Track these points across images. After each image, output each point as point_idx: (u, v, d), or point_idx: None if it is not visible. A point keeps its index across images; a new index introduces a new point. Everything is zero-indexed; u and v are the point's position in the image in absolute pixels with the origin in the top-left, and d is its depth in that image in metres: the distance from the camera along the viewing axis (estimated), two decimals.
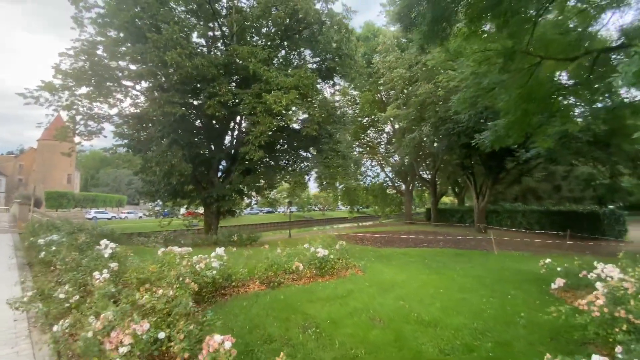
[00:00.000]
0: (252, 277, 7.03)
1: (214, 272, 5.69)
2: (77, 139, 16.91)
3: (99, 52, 12.08)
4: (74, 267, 5.67)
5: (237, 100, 14.06)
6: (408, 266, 10.60)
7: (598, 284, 4.70)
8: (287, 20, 14.76)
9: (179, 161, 12.96)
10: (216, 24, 16.51)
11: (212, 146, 17.02)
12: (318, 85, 15.06)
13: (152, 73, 11.53)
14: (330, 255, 8.15)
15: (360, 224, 54.86)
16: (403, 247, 15.11)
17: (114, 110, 16.39)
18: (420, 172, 37.18)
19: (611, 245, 17.13)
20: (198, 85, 13.28)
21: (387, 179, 42.83)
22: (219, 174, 18.60)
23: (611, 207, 30.16)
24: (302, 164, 16.55)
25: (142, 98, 15.94)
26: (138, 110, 17.23)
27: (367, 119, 37.45)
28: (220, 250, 6.92)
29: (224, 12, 16.51)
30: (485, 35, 8.88)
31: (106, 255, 5.32)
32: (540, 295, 6.77)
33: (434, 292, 7.11)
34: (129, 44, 12.03)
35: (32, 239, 7.90)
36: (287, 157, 17.59)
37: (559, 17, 9.53)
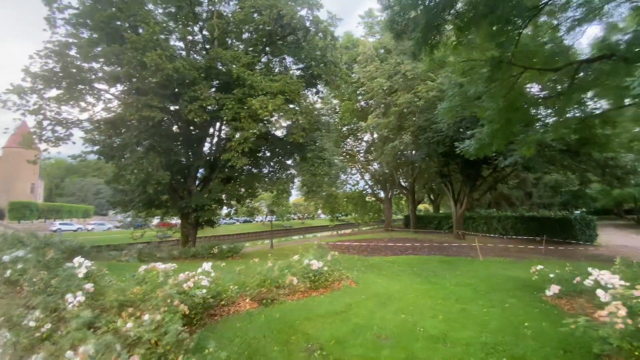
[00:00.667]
0: (242, 294, 6.53)
1: (204, 290, 5.18)
2: (43, 145, 15.68)
3: (72, 52, 11.21)
4: (43, 288, 4.99)
5: (218, 106, 13.53)
6: (399, 275, 10.45)
7: (600, 292, 4.68)
8: (272, 26, 14.52)
9: (155, 169, 12.18)
10: (196, 28, 16.00)
11: (190, 153, 16.28)
12: (303, 92, 14.84)
13: (129, 75, 10.80)
14: (324, 267, 7.79)
15: (340, 232, 54.88)
16: (390, 255, 15.00)
17: (84, 115, 15.46)
18: (399, 180, 37.82)
19: (586, 250, 17.93)
20: (177, 89, 12.64)
21: (367, 186, 43.17)
22: (197, 182, 17.79)
23: (577, 212, 31.97)
24: (286, 172, 16.15)
25: (116, 102, 15.06)
26: (110, 115, 16.29)
27: (346, 127, 37.76)
28: (207, 266, 6.39)
29: (204, 15, 16.06)
30: (472, 44, 9.05)
31: (80, 275, 4.69)
32: (536, 303, 6.76)
33: (433, 304, 6.94)
34: (104, 45, 11.25)
35: None
36: (271, 164, 17.13)
37: (535, 31, 9.99)
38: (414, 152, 24.18)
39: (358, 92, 34.78)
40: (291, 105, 13.61)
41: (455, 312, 6.27)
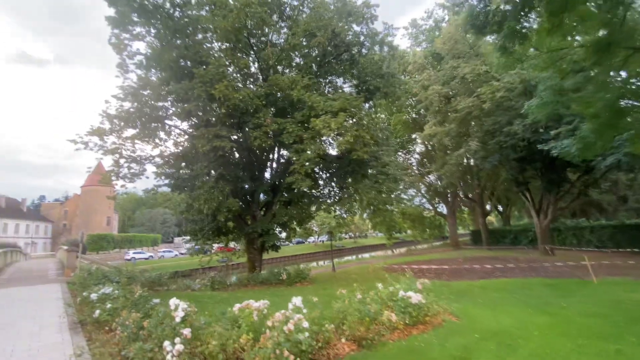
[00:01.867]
0: (338, 333, 5.73)
1: (307, 334, 4.48)
2: (120, 182, 16.98)
3: (145, 93, 12.08)
4: (136, 333, 4.71)
5: (278, 131, 13.51)
6: (502, 305, 8.86)
7: None
8: (326, 46, 14.40)
9: (226, 197, 12.32)
10: (250, 59, 16.58)
11: (253, 180, 16.45)
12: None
13: (199, 109, 11.25)
14: (423, 300, 6.72)
15: (396, 251, 52.22)
16: (476, 279, 13.20)
17: (156, 152, 16.58)
18: (461, 192, 34.95)
19: None
20: (240, 118, 12.91)
21: (424, 201, 40.67)
22: (260, 207, 17.88)
23: None
24: (348, 191, 15.47)
25: (185, 136, 15.92)
26: (179, 150, 17.28)
27: (397, 140, 36.41)
28: (297, 301, 5.73)
29: (257, 47, 16.60)
30: (572, 26, 7.71)
31: (178, 319, 4.30)
32: None
33: (573, 345, 5.49)
34: (174, 83, 11.97)
35: (85, 294, 7.15)
36: (332, 184, 16.61)
37: None
38: (482, 159, 22.02)
39: (408, 103, 33.55)
40: (351, 121, 13.07)
41: (610, 357, 4.82)
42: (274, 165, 18.05)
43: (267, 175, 18.21)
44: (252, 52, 15.77)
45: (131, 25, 13.56)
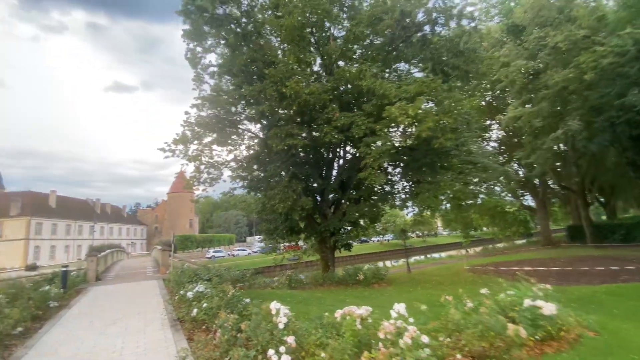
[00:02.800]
0: (452, 348, 4.84)
1: (427, 350, 3.74)
2: (201, 187, 18.19)
3: (220, 99, 12.58)
4: (235, 336, 4.51)
5: (346, 125, 12.90)
6: None
7: None
8: (395, 30, 13.35)
9: (299, 196, 12.20)
10: (314, 55, 16.32)
11: (322, 177, 16.14)
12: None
13: (271, 109, 11.30)
14: (554, 310, 5.43)
15: (469, 251, 47.89)
16: (597, 284, 10.86)
17: (230, 156, 17.51)
18: (553, 181, 30.23)
19: None
20: (310, 115, 12.66)
21: (504, 194, 36.22)
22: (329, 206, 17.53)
23: None
24: (426, 185, 14.14)
25: (255, 140, 16.38)
26: (251, 153, 17.90)
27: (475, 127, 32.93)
28: (401, 308, 4.98)
29: (318, 43, 16.28)
30: None
31: (281, 326, 3.94)
32: None
33: None
34: (246, 86, 12.24)
35: (182, 292, 7.45)
36: (407, 178, 15.44)
37: None
38: (586, 141, 18.51)
39: (482, 85, 30.23)
40: (430, 105, 11.83)
41: None
42: (340, 162, 17.59)
43: (334, 172, 17.86)
44: (315, 49, 15.49)
45: (203, 37, 14.36)
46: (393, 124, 11.46)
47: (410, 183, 15.60)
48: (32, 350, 5.65)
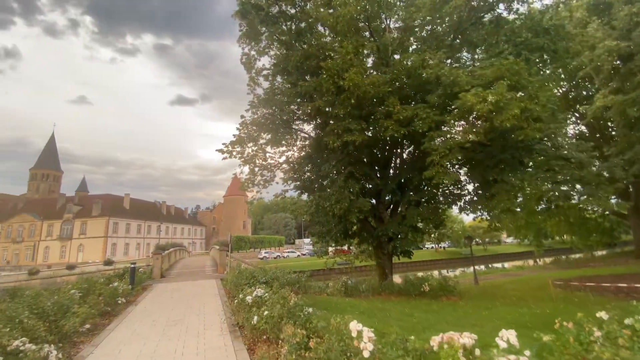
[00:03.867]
0: None
1: None
2: (255, 189, 18.33)
3: (275, 97, 12.32)
4: (303, 356, 3.79)
5: (408, 118, 11.73)
6: None
7: None
8: (462, 13, 11.92)
9: (356, 197, 11.37)
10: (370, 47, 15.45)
11: (379, 177, 15.08)
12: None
13: (328, 103, 10.67)
14: None
15: (539, 261, 42.62)
16: None
17: (283, 158, 17.42)
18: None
19: None
20: (368, 109, 11.76)
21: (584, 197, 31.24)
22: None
23: None
24: (501, 185, 12.30)
25: (309, 140, 15.97)
26: (303, 153, 17.59)
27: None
28: (511, 337, 3.86)
29: (374, 35, 15.34)
30: None
31: (366, 354, 3.14)
32: None
33: None
34: (300, 83, 11.80)
35: (241, 297, 7.05)
36: (482, 177, 13.68)
37: None
38: None
39: (557, 73, 26.54)
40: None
41: None
42: (397, 161, 16.34)
43: (390, 172, 16.68)
44: (371, 41, 14.61)
45: (258, 37, 14.35)
46: (466, 115, 10.05)
47: (477, 184, 13.79)
48: (97, 349, 5.58)
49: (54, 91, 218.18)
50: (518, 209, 12.87)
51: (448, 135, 10.96)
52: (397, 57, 15.69)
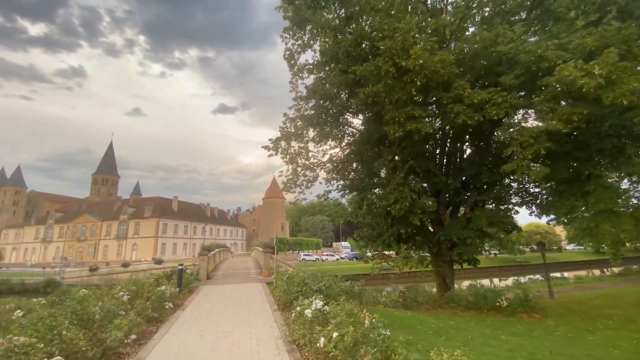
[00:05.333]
0: None
1: None
2: (297, 189, 17.55)
3: (325, 87, 11.33)
4: None
5: (480, 103, 10.04)
6: None
7: None
8: None
9: (418, 195, 9.97)
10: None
11: (440, 173, 13.41)
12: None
13: (388, 88, 9.39)
14: None
15: (606, 271, 37.37)
16: None
17: (326, 157, 16.48)
18: None
19: None
20: (434, 92, 10.27)
21: None
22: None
23: None
24: (597, 181, 10.11)
25: (358, 136, 14.82)
26: (347, 151, 16.47)
27: None
28: None
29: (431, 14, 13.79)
30: None
31: None
32: None
33: None
34: (354, 67, 10.66)
35: (298, 309, 6.02)
36: (570, 171, 11.52)
37: None
38: None
39: None
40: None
41: None
42: (458, 155, 14.49)
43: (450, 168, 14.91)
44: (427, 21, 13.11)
45: (304, 25, 13.52)
46: (559, 95, 8.23)
47: (553, 183, 11.58)
48: None
49: (112, 105, 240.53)
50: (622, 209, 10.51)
51: (527, 123, 9.16)
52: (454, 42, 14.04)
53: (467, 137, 13.89)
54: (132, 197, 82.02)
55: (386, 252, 19.89)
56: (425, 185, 14.23)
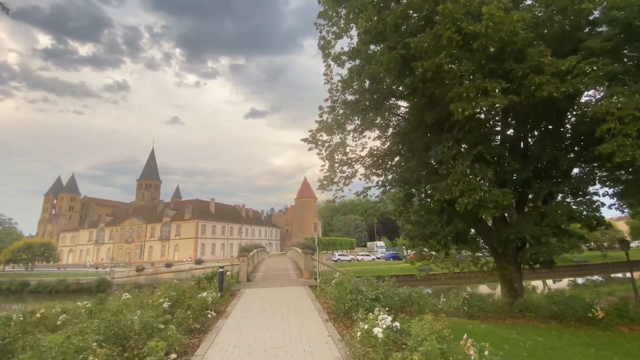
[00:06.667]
0: None
1: None
2: (334, 187, 16.55)
3: (371, 66, 10.06)
4: None
5: (565, 71, 8.25)
6: None
7: None
8: None
9: (490, 186, 8.47)
10: None
11: (509, 159, 11.63)
12: None
13: (449, 57, 7.90)
14: None
15: None
16: None
17: (365, 151, 15.37)
18: None
19: None
20: (508, 60, 8.62)
21: None
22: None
23: None
24: None
25: (404, 123, 13.42)
26: (388, 144, 15.21)
27: None
28: None
29: None
30: None
31: None
32: None
33: None
34: (408, 40, 9.31)
35: (365, 327, 4.88)
36: None
37: None
38: None
39: None
40: None
41: None
42: (520, 138, 12.54)
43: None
44: None
45: (340, 4, 12.51)
46: None
47: None
48: None
49: (153, 115, 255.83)
50: None
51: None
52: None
53: (536, 116, 11.91)
54: (173, 200, 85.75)
55: (426, 252, 18.27)
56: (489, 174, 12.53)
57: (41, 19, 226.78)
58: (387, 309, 6.09)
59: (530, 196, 12.44)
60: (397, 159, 15.54)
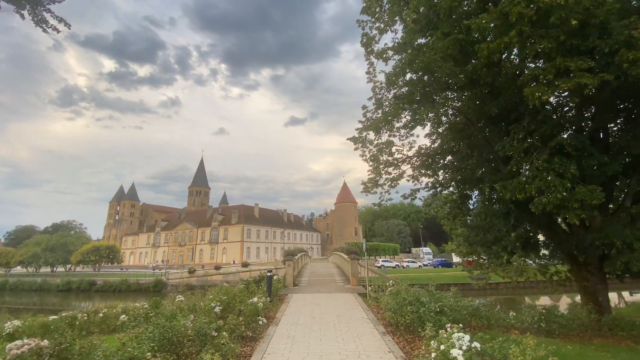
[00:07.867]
0: None
1: None
2: (379, 190, 15.80)
3: (425, 53, 9.24)
4: None
5: None
6: None
7: None
8: None
9: (574, 183, 7.22)
10: None
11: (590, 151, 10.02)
12: None
13: (524, 37, 6.86)
14: None
15: None
16: None
17: (413, 151, 14.30)
18: None
19: None
20: (590, 37, 7.36)
21: None
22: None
23: None
24: None
25: (459, 117, 12.36)
26: (439, 142, 14.14)
27: None
28: None
29: None
30: None
31: None
32: None
33: None
34: (466, 22, 8.42)
35: (441, 347, 4.18)
36: None
37: None
38: None
39: None
40: None
41: None
42: (600, 128, 10.74)
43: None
44: None
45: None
46: None
47: None
48: None
49: (202, 127, 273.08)
50: None
51: None
52: None
53: (622, 100, 10.14)
54: (220, 206, 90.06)
55: (484, 259, 16.56)
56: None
57: (105, 45, 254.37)
58: (456, 324, 5.31)
59: (614, 194, 10.67)
60: (449, 157, 14.43)
